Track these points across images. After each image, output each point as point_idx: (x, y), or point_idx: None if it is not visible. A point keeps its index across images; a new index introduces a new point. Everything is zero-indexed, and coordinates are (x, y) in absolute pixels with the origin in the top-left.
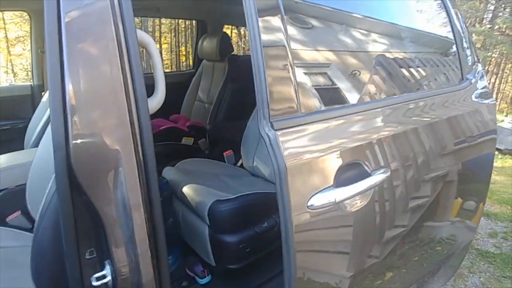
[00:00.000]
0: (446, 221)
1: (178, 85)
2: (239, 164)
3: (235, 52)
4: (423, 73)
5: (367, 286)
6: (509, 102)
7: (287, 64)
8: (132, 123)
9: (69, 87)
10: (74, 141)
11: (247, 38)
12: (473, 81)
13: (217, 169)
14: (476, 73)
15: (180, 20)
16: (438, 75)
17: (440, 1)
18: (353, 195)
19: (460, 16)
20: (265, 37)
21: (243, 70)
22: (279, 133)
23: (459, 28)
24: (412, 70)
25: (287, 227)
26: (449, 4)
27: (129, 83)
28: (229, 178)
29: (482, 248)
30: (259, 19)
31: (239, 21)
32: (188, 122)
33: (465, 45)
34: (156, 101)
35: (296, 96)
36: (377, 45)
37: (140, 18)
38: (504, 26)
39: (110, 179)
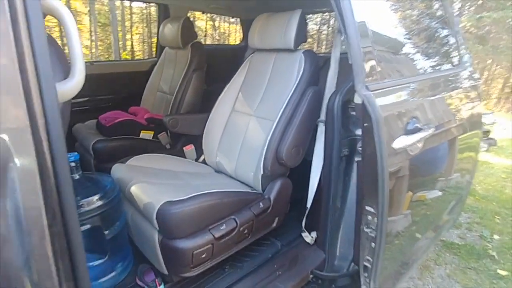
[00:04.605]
0: (461, 166)
1: (138, 75)
2: (201, 159)
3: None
4: (443, 58)
5: (419, 211)
6: None
7: (370, 45)
8: (31, 111)
9: None
10: None
11: (221, 30)
12: (466, 64)
13: (176, 165)
14: (467, 59)
15: (153, 9)
16: (450, 59)
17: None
18: (415, 142)
19: (453, 14)
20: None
21: (208, 58)
22: (372, 93)
23: (455, 24)
24: (437, 55)
25: (382, 163)
26: (447, 5)
27: (28, 60)
28: (189, 175)
29: (447, 239)
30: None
31: (205, 5)
32: (147, 115)
33: (459, 37)
34: (71, 85)
35: (378, 67)
36: (421, 37)
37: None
38: (469, 24)
39: None
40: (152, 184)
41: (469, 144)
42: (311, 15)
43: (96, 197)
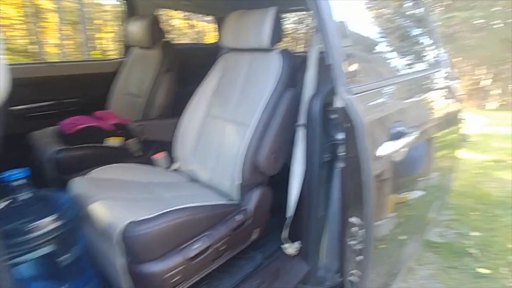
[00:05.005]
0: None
1: (105, 76)
2: (174, 167)
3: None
4: (422, 57)
5: (403, 214)
6: None
7: (351, 45)
8: None
9: None
10: None
11: (198, 28)
12: (444, 64)
13: (145, 176)
14: (445, 58)
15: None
16: (428, 59)
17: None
18: (400, 147)
19: (430, 14)
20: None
21: (180, 59)
22: (355, 97)
23: (432, 24)
24: (415, 55)
25: (368, 173)
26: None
27: None
28: (160, 187)
29: (428, 238)
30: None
31: (176, 2)
32: (115, 120)
33: (436, 37)
34: None
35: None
36: (399, 36)
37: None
38: (438, 23)
39: None
40: (115, 200)
41: (449, 142)
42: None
43: (50, 219)
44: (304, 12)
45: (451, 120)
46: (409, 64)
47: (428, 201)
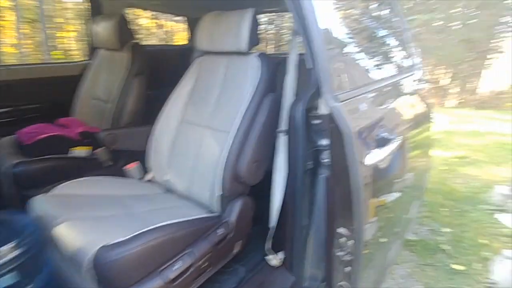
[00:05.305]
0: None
1: (68, 79)
2: (147, 178)
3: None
4: (399, 61)
5: (385, 214)
6: None
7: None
8: None
9: None
10: None
11: (166, 28)
12: (417, 66)
13: (116, 189)
14: (417, 61)
15: (89, 4)
16: (404, 62)
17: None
18: (385, 156)
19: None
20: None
21: (150, 60)
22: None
23: (406, 28)
24: (393, 59)
25: (357, 183)
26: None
27: None
28: (133, 200)
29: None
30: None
31: (145, 1)
32: (81, 128)
33: (410, 41)
34: None
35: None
36: (382, 48)
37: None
38: None
39: None
40: (83, 220)
41: (424, 141)
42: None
43: (9, 246)
44: (275, 14)
45: (424, 120)
46: (387, 68)
47: (409, 201)
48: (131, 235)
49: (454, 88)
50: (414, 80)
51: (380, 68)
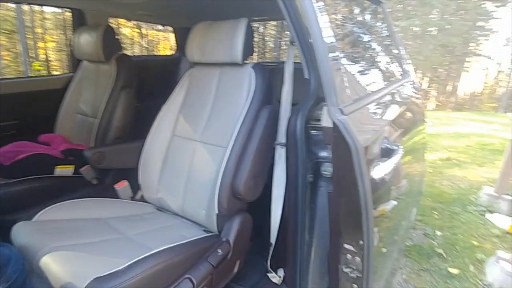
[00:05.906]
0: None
1: (50, 94)
2: (138, 196)
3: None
4: (393, 70)
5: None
6: None
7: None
8: None
9: None
10: None
11: (150, 38)
12: (409, 74)
13: (105, 210)
14: (409, 69)
15: (69, 14)
16: (397, 70)
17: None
18: (392, 167)
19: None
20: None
21: (138, 73)
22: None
23: (397, 36)
24: (388, 67)
25: (366, 199)
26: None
27: None
28: (125, 222)
29: None
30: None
31: (130, 11)
32: (64, 145)
33: (402, 49)
34: None
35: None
36: (379, 56)
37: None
38: None
39: None
40: (72, 249)
41: (420, 146)
42: None
43: None
44: (259, 23)
45: (420, 124)
46: (383, 78)
47: (409, 208)
48: (127, 264)
49: (431, 91)
50: (411, 86)
51: (380, 77)
